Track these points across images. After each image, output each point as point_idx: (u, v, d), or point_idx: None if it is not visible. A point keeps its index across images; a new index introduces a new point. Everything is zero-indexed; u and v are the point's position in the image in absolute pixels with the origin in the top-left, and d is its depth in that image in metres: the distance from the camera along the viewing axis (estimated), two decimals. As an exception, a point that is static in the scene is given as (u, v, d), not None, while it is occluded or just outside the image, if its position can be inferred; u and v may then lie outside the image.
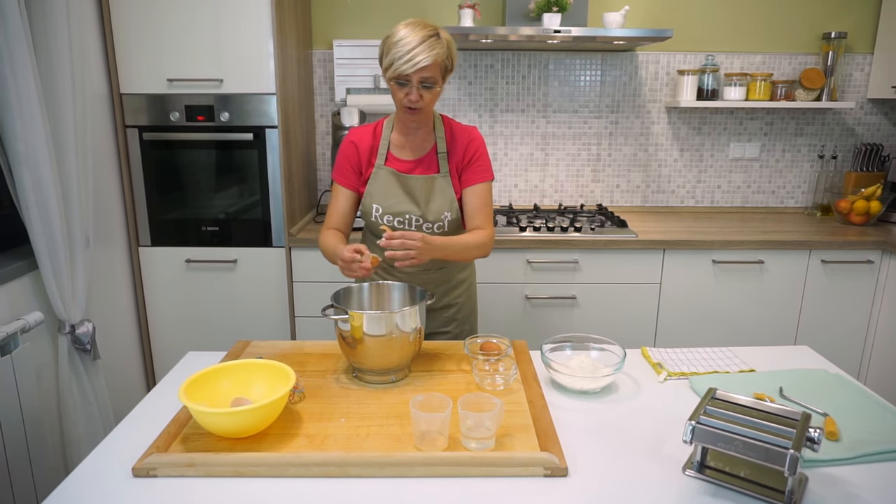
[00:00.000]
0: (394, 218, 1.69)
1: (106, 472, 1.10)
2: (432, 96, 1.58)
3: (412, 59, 1.49)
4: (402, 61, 1.49)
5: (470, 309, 1.88)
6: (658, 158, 3.11)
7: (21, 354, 1.76)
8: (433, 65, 1.51)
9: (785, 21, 2.98)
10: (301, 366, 1.48)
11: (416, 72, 1.51)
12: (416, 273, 1.73)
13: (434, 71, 1.53)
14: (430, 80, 1.54)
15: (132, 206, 2.50)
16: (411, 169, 1.70)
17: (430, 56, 1.50)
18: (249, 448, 1.14)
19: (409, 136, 1.70)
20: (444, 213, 1.70)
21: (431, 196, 1.69)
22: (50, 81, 1.85)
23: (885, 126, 3.09)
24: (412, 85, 1.54)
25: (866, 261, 2.57)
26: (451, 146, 1.71)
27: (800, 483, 1.05)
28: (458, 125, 1.74)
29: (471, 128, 1.74)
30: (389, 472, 1.08)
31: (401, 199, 1.68)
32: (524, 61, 2.97)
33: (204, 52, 2.35)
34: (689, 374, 1.47)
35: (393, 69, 1.52)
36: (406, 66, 1.49)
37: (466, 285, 1.85)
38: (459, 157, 1.71)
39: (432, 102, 1.60)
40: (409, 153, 1.71)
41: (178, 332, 2.60)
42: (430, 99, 1.58)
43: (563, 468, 1.08)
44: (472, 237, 1.64)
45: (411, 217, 1.69)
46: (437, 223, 1.70)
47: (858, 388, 1.39)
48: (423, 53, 1.49)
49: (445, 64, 1.56)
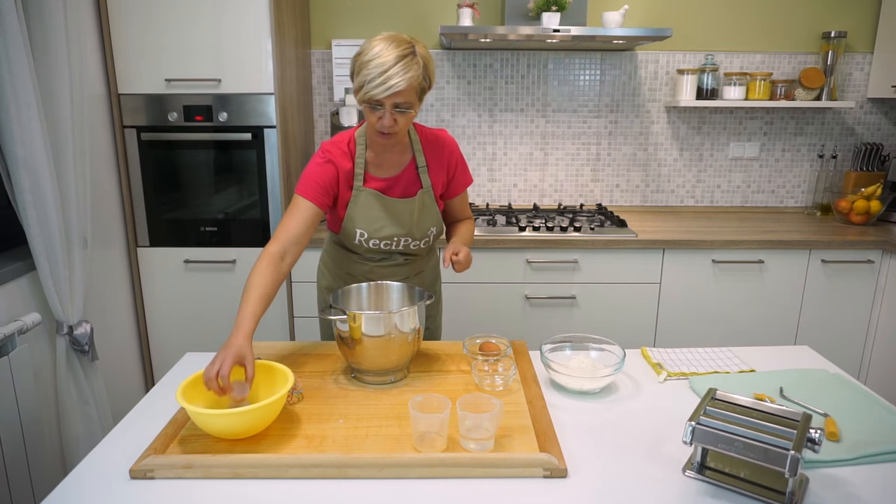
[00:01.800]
0: (380, 241, 1.62)
1: (103, 474, 1.10)
2: (407, 120, 1.47)
3: (385, 83, 1.36)
4: (374, 84, 1.37)
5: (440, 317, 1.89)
6: (658, 158, 3.10)
7: (18, 356, 1.76)
8: (408, 89, 1.39)
9: (784, 20, 2.97)
10: (299, 367, 1.48)
11: (389, 97, 1.39)
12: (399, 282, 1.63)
13: (409, 95, 1.41)
14: (404, 105, 1.42)
15: (130, 207, 2.49)
16: (391, 187, 1.61)
17: (405, 80, 1.37)
18: (247, 449, 1.14)
19: (384, 154, 1.60)
20: (431, 229, 1.66)
21: (419, 216, 1.63)
22: (47, 82, 1.85)
23: (885, 125, 3.09)
24: (385, 109, 1.42)
25: (866, 260, 2.56)
26: (430, 159, 1.63)
27: (800, 484, 1.04)
28: (431, 132, 1.65)
29: (442, 132, 1.66)
30: (388, 473, 1.07)
31: (386, 223, 1.60)
32: (523, 61, 2.97)
33: (202, 51, 2.34)
34: (688, 374, 1.47)
35: (364, 91, 1.40)
36: (378, 90, 1.37)
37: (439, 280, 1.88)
38: (442, 170, 1.65)
39: (407, 126, 1.50)
40: (387, 170, 1.61)
41: (177, 333, 2.60)
42: (405, 123, 1.47)
43: (562, 469, 1.08)
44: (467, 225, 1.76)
45: (398, 239, 1.63)
46: (424, 239, 1.67)
47: (859, 388, 1.39)
48: (396, 77, 1.36)
49: (422, 85, 1.43)
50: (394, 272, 1.71)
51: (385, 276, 1.71)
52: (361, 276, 1.72)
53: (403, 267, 1.73)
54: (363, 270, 1.72)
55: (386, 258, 1.70)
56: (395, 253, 1.69)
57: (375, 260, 1.70)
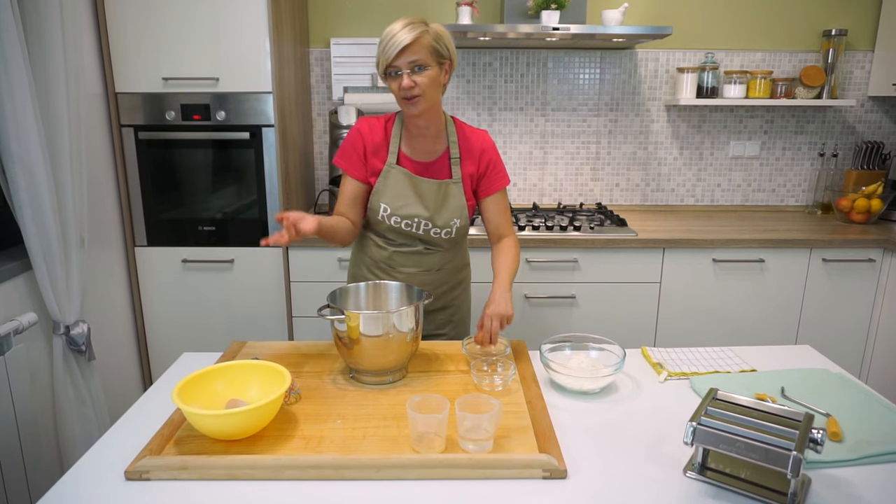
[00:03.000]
0: (401, 220, 1.64)
1: (99, 475, 1.09)
2: (428, 81, 1.51)
3: (394, 42, 1.47)
4: (386, 49, 1.48)
5: (466, 310, 1.87)
6: (658, 157, 3.09)
7: (15, 356, 1.75)
8: (415, 44, 1.47)
9: (785, 18, 2.96)
10: (297, 367, 1.47)
11: (400, 53, 1.47)
12: (416, 274, 1.71)
13: (420, 52, 1.48)
14: (418, 63, 1.49)
15: (128, 206, 2.48)
16: (422, 171, 1.65)
17: (411, 35, 1.46)
18: (244, 450, 1.13)
19: (419, 139, 1.64)
20: (454, 220, 1.66)
21: (443, 202, 1.65)
22: (43, 80, 1.84)
23: (886, 124, 3.08)
24: (402, 71, 1.49)
25: (867, 259, 2.55)
26: (464, 152, 1.66)
27: (802, 485, 1.03)
28: (471, 129, 1.69)
29: (482, 132, 1.70)
30: (386, 474, 1.06)
31: (411, 201, 1.63)
32: (523, 59, 2.96)
33: (200, 50, 2.33)
34: (689, 374, 1.46)
35: (381, 62, 1.50)
36: (390, 50, 1.47)
37: (463, 287, 1.84)
38: (474, 165, 1.67)
39: (431, 90, 1.53)
40: (421, 155, 1.66)
41: (175, 333, 2.59)
42: (427, 85, 1.51)
43: (562, 470, 1.07)
44: (511, 256, 1.68)
45: (420, 221, 1.64)
46: (446, 229, 1.67)
47: (860, 387, 1.38)
48: (403, 35, 1.46)
49: (434, 46, 1.51)
50: (413, 261, 1.70)
51: (403, 264, 1.70)
52: (382, 261, 1.72)
53: (423, 257, 1.71)
54: (382, 256, 1.72)
55: (406, 244, 1.69)
56: (415, 238, 1.68)
57: (396, 244, 1.70)
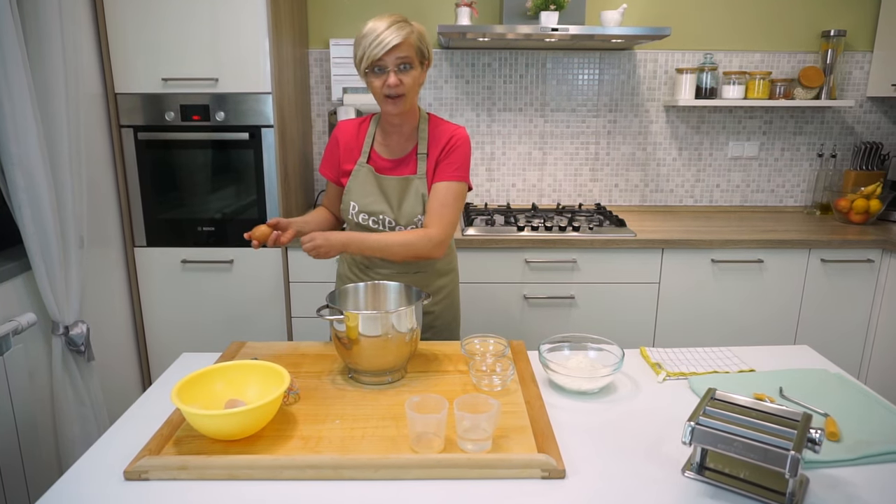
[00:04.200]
0: (368, 217, 1.66)
1: (99, 475, 1.09)
2: (412, 81, 1.53)
3: (382, 41, 1.46)
4: (372, 46, 1.47)
5: (451, 318, 1.83)
6: (656, 157, 3.10)
7: (14, 356, 1.75)
8: (405, 43, 1.49)
9: (784, 19, 2.96)
10: (296, 367, 1.47)
11: (388, 52, 1.48)
12: (391, 276, 1.70)
13: (407, 51, 1.50)
14: (405, 61, 1.51)
15: (127, 207, 2.48)
16: (391, 168, 1.67)
17: (400, 35, 1.48)
18: (243, 450, 1.13)
19: (392, 136, 1.66)
20: (417, 215, 1.65)
21: (404, 197, 1.64)
22: (43, 81, 1.84)
23: (885, 124, 3.08)
24: (388, 69, 1.50)
25: (866, 259, 2.56)
26: (433, 145, 1.65)
27: (801, 485, 1.03)
28: (445, 124, 1.68)
29: (457, 127, 1.68)
30: (385, 474, 1.07)
31: (376, 198, 1.65)
32: (522, 60, 2.96)
33: (199, 51, 2.33)
34: (688, 374, 1.46)
35: (366, 59, 1.49)
36: (377, 49, 1.47)
37: (445, 294, 1.80)
38: (437, 155, 1.64)
39: (413, 90, 1.55)
40: (393, 152, 1.67)
41: (174, 333, 2.59)
42: (411, 84, 1.53)
43: (560, 470, 1.07)
44: (398, 235, 1.58)
45: (385, 218, 1.65)
46: (410, 225, 1.66)
47: (859, 387, 1.38)
48: (392, 34, 1.47)
49: (419, 47, 1.53)
50: (386, 264, 1.71)
51: (379, 265, 1.72)
52: (360, 261, 1.75)
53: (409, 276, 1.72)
54: (360, 256, 1.74)
55: None
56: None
57: None
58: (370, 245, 1.56)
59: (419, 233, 1.59)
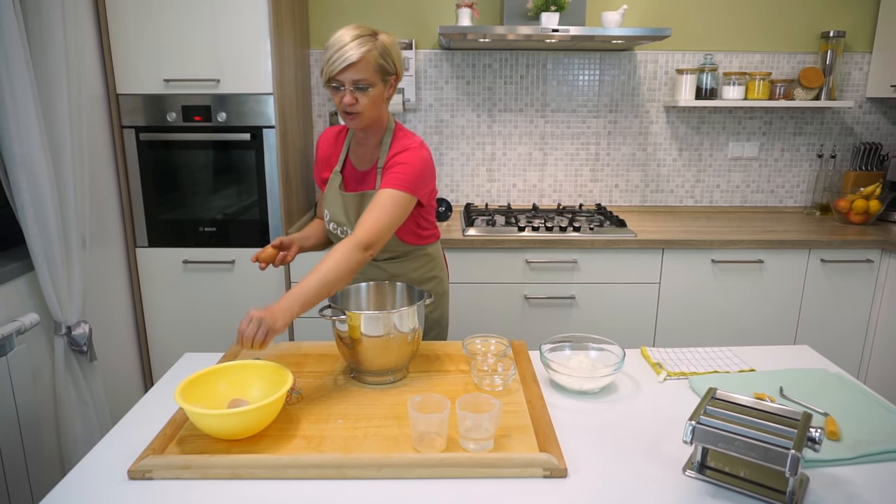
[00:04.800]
0: (337, 227, 1.67)
1: (102, 475, 1.09)
2: (370, 101, 1.48)
3: (339, 58, 1.43)
4: (331, 61, 1.44)
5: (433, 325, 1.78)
6: (657, 158, 3.10)
7: (17, 356, 1.75)
8: (362, 62, 1.43)
9: (783, 20, 2.97)
10: (298, 367, 1.48)
11: (343, 70, 1.43)
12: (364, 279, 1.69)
13: (365, 71, 1.44)
14: (363, 82, 1.45)
15: (129, 207, 2.48)
16: (357, 180, 1.66)
17: (358, 53, 1.42)
18: (246, 450, 1.13)
19: (361, 147, 1.65)
20: None
21: (358, 213, 1.62)
22: (46, 82, 1.84)
23: (884, 125, 3.09)
24: (346, 87, 1.46)
25: (866, 260, 2.56)
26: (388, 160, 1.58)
27: (801, 483, 1.04)
28: (405, 138, 1.59)
29: (413, 140, 1.59)
30: (387, 473, 1.07)
31: (340, 210, 1.65)
32: (522, 61, 2.97)
33: (201, 52, 2.34)
34: (688, 373, 1.46)
35: (324, 73, 1.46)
36: (335, 65, 1.43)
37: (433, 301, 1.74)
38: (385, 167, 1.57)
39: (371, 108, 1.50)
40: (361, 163, 1.66)
41: (176, 334, 2.59)
42: (368, 104, 1.48)
43: (562, 469, 1.08)
44: (327, 260, 1.37)
45: (348, 231, 1.65)
46: None
47: (859, 387, 1.38)
48: (350, 51, 1.42)
49: (380, 63, 1.47)
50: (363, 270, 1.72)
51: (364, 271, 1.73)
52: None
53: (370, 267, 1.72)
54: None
55: None
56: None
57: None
58: (307, 290, 1.32)
59: (345, 243, 1.41)
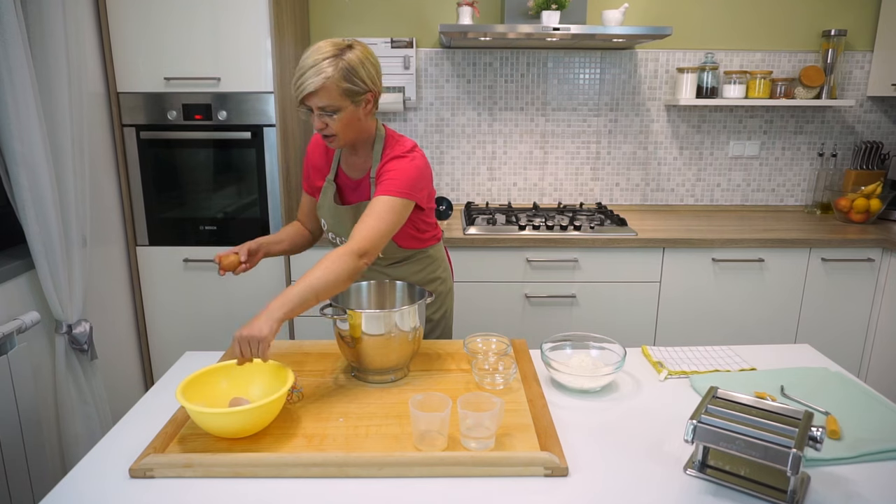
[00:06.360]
0: (336, 237, 1.67)
1: (103, 473, 1.09)
2: (340, 124, 1.43)
3: (301, 84, 1.38)
4: (295, 86, 1.39)
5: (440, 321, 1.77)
6: (657, 157, 3.10)
7: (17, 355, 1.75)
8: (322, 90, 1.37)
9: (784, 19, 2.97)
10: (300, 365, 1.48)
11: (305, 98, 1.40)
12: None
13: (327, 98, 1.38)
14: (328, 108, 1.40)
15: (129, 206, 2.48)
16: (353, 189, 1.63)
17: (316, 82, 1.36)
18: (247, 448, 1.13)
19: (351, 157, 1.61)
20: None
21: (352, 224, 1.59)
22: (46, 80, 1.84)
23: (885, 124, 3.09)
24: (314, 112, 1.42)
25: (866, 259, 2.56)
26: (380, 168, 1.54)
27: (802, 482, 1.04)
28: (398, 145, 1.55)
29: (405, 144, 1.55)
30: (388, 472, 1.07)
31: (336, 221, 1.65)
32: (523, 59, 2.97)
33: (201, 50, 2.34)
34: (689, 372, 1.46)
35: (295, 95, 1.42)
36: (296, 91, 1.39)
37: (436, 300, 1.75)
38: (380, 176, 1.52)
39: (345, 130, 1.46)
40: (354, 172, 1.63)
41: (177, 332, 2.59)
42: (339, 127, 1.44)
43: (563, 468, 1.08)
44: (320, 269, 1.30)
45: (341, 238, 1.66)
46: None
47: (859, 386, 1.38)
48: (309, 78, 1.36)
49: (345, 87, 1.38)
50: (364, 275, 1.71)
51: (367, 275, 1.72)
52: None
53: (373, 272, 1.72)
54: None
55: None
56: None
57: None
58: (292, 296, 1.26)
59: (338, 250, 1.36)
